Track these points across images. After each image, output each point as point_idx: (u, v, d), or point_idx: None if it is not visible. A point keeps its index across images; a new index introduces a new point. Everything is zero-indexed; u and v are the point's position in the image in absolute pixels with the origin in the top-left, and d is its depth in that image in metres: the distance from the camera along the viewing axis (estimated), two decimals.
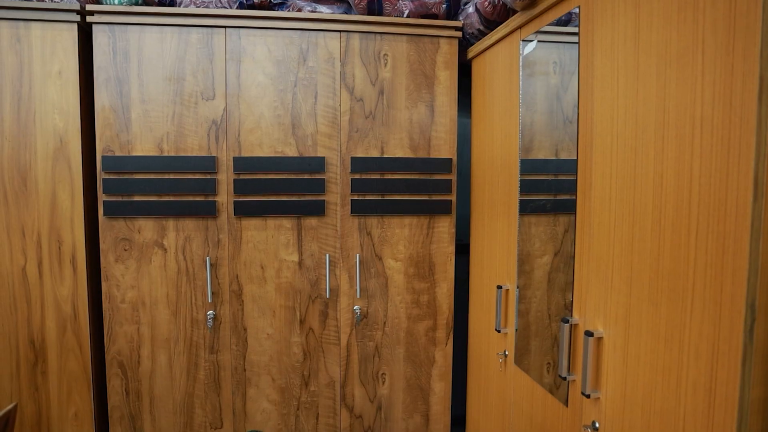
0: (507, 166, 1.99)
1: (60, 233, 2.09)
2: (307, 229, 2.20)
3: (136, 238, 2.13)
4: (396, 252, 2.27)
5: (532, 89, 1.85)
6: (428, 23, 2.20)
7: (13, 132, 2.04)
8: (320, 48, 2.16)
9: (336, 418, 2.29)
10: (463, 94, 2.49)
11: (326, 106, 2.18)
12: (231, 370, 2.21)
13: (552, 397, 1.69)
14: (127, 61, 2.08)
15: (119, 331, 2.15)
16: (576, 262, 1.55)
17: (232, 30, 2.11)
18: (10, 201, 2.05)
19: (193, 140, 2.12)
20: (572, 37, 1.67)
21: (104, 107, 2.08)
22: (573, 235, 1.72)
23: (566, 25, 1.73)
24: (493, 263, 2.12)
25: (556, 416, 1.65)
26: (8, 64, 2.02)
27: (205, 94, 2.12)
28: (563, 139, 1.79)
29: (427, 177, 2.26)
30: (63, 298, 2.11)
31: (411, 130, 2.24)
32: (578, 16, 1.64)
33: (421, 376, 2.34)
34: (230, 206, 2.15)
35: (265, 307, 2.20)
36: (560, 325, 1.57)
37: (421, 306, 2.31)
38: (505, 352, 2.01)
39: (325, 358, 2.26)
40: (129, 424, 2.18)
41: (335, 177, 2.20)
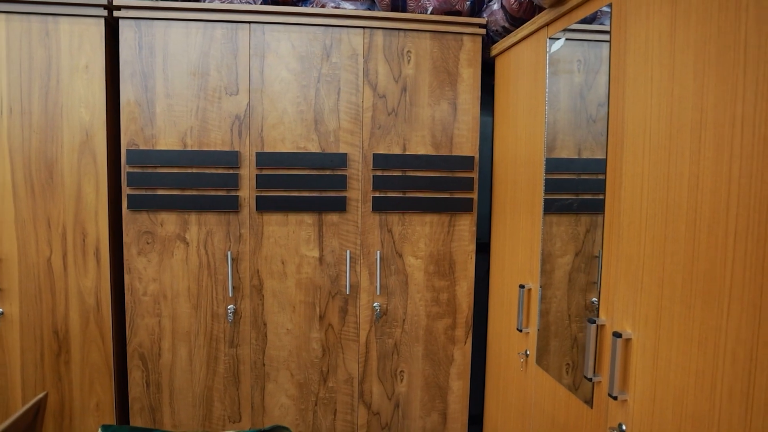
0: (531, 164, 1.97)
1: (84, 226, 2.11)
2: (328, 225, 2.20)
3: (158, 232, 2.14)
4: (416, 249, 2.26)
5: (556, 87, 1.83)
6: (452, 20, 2.18)
7: (40, 125, 2.06)
8: (344, 44, 2.16)
9: (354, 414, 2.30)
10: (482, 91, 2.47)
11: (349, 102, 2.17)
12: (250, 364, 2.22)
13: (575, 398, 1.68)
14: (152, 55, 2.09)
15: (141, 324, 2.17)
16: (603, 262, 1.53)
17: (257, 25, 2.12)
18: (36, 193, 2.08)
19: (216, 135, 2.13)
20: (600, 35, 1.65)
21: (129, 101, 2.09)
22: (595, 234, 1.70)
23: (590, 22, 1.71)
24: (515, 262, 2.10)
25: (580, 417, 1.63)
26: (37, 58, 2.04)
27: (228, 89, 2.12)
28: (586, 138, 1.78)
29: (449, 175, 2.25)
30: (86, 290, 2.13)
31: (433, 127, 2.23)
32: (609, 14, 1.62)
33: (440, 374, 2.33)
34: (252, 201, 2.15)
35: (285, 302, 2.21)
36: (586, 326, 1.55)
37: (441, 304, 2.30)
38: (527, 352, 2.00)
39: (343, 354, 2.26)
40: (149, 415, 2.20)
41: (357, 173, 2.20)
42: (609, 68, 1.52)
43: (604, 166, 1.55)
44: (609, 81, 1.52)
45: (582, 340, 1.77)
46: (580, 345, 1.80)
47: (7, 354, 2.11)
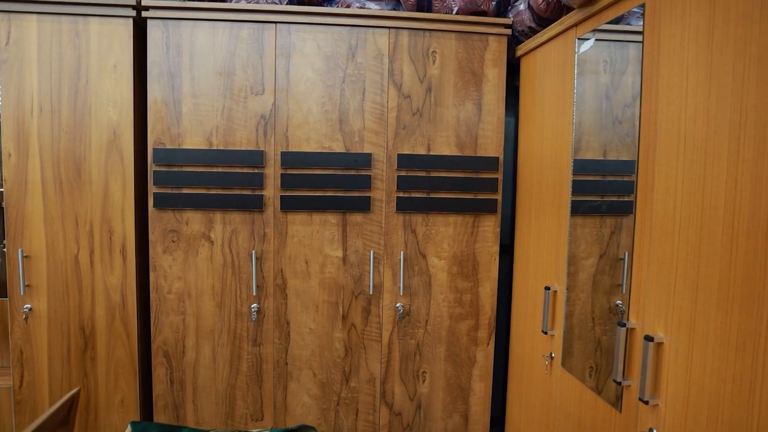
0: (558, 165, 1.95)
1: (111, 223, 2.13)
2: (351, 225, 2.20)
3: (183, 230, 2.16)
4: (440, 250, 2.25)
5: (583, 88, 1.82)
6: (477, 20, 2.17)
7: (69, 124, 2.09)
8: (369, 44, 2.16)
9: (375, 414, 2.30)
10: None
11: (374, 102, 2.17)
12: (273, 363, 2.23)
13: (603, 401, 1.66)
14: (179, 55, 2.11)
15: (165, 321, 2.19)
16: (634, 264, 1.51)
17: (282, 25, 2.13)
18: (65, 191, 2.10)
19: (241, 134, 2.14)
20: (630, 35, 1.64)
21: (156, 101, 2.11)
22: (620, 237, 1.68)
23: (618, 22, 1.70)
24: (540, 264, 2.09)
25: (608, 421, 1.62)
26: (67, 58, 2.07)
27: (254, 88, 2.13)
28: (611, 140, 1.76)
29: (473, 175, 2.24)
30: (112, 287, 2.15)
31: (458, 127, 2.22)
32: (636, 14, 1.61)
33: (462, 375, 2.32)
34: (277, 201, 2.16)
35: (308, 301, 2.22)
36: (616, 329, 1.53)
37: (464, 305, 2.29)
38: (551, 354, 1.98)
39: (366, 354, 2.26)
40: (172, 412, 2.22)
41: (381, 174, 2.19)
42: (641, 69, 1.50)
43: (631, 168, 1.53)
44: (641, 82, 1.50)
45: (606, 343, 1.76)
46: (603, 348, 1.78)
47: (35, 349, 2.14)
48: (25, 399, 2.15)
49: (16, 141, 2.07)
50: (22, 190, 2.09)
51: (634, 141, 1.63)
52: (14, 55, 2.05)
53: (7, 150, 2.07)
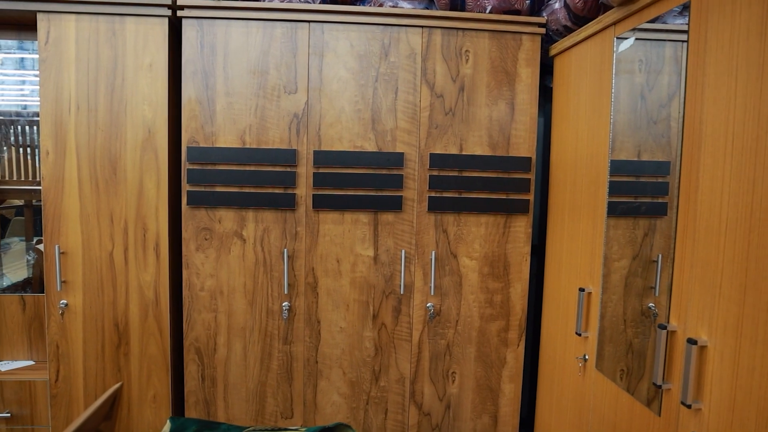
0: (593, 166, 1.93)
1: (145, 221, 2.16)
2: (383, 225, 2.20)
3: (216, 228, 2.17)
4: (471, 250, 2.24)
5: (623, 88, 1.79)
6: (511, 19, 2.16)
7: (105, 122, 2.11)
8: (402, 43, 2.15)
9: (404, 414, 2.29)
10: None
11: (406, 101, 2.17)
12: (303, 361, 2.24)
13: (640, 405, 1.64)
14: (213, 54, 2.12)
15: (197, 319, 2.20)
16: (675, 266, 1.49)
17: (316, 25, 2.13)
18: (101, 188, 2.13)
19: (274, 133, 2.15)
20: (671, 34, 1.62)
21: (191, 99, 2.13)
22: (653, 238, 1.66)
23: (654, 21, 1.67)
24: (573, 265, 2.07)
25: (646, 425, 1.60)
26: (104, 57, 2.09)
27: (287, 87, 2.14)
28: (646, 140, 1.74)
29: (505, 176, 2.22)
30: (146, 284, 2.18)
31: (490, 127, 2.21)
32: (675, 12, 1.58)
33: (492, 376, 2.31)
34: (309, 199, 2.17)
35: (339, 300, 2.22)
36: (656, 332, 1.51)
37: (495, 306, 2.28)
38: (585, 357, 1.96)
39: (396, 354, 2.26)
40: (203, 409, 2.24)
41: (413, 173, 2.19)
42: (685, 68, 1.48)
43: (666, 169, 1.51)
44: (685, 81, 1.47)
45: (637, 345, 1.74)
46: (636, 350, 1.76)
47: (71, 344, 2.17)
48: (60, 393, 2.18)
49: (54, 139, 2.10)
50: (59, 187, 2.12)
51: (669, 141, 1.60)
52: (53, 55, 2.08)
53: (45, 148, 2.10)
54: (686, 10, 1.50)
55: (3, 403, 2.19)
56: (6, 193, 2.41)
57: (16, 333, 2.35)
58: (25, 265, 2.49)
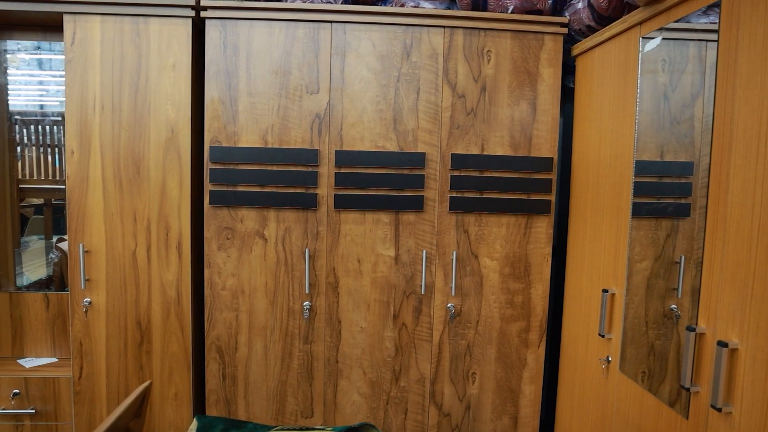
0: (617, 166, 1.92)
1: (168, 220, 2.17)
2: (404, 225, 2.20)
3: (238, 228, 2.18)
4: (492, 251, 2.24)
5: (649, 88, 1.78)
6: (533, 19, 2.15)
7: (129, 122, 2.13)
8: (424, 43, 2.15)
9: (424, 414, 2.29)
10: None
11: (428, 101, 2.17)
12: (324, 361, 2.24)
13: (666, 407, 1.62)
14: (236, 54, 2.14)
15: (219, 317, 2.21)
16: (704, 268, 1.48)
17: (338, 25, 2.14)
18: (124, 188, 2.15)
19: (296, 133, 2.16)
20: (694, 33, 1.61)
21: (213, 99, 2.14)
22: (675, 240, 1.65)
23: (679, 20, 1.66)
24: (596, 266, 2.05)
25: (673, 428, 1.58)
26: (128, 58, 2.11)
27: (309, 87, 2.15)
28: (669, 140, 1.73)
29: (527, 176, 2.22)
30: (168, 283, 2.19)
31: (512, 127, 2.20)
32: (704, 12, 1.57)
33: (512, 377, 2.30)
34: (330, 199, 2.17)
35: (360, 300, 2.22)
36: (685, 334, 1.50)
37: (515, 306, 2.27)
38: (608, 358, 1.95)
39: (416, 354, 2.26)
40: (224, 407, 2.25)
41: (434, 173, 2.19)
42: (716, 67, 1.46)
43: (690, 169, 1.51)
44: (715, 81, 1.46)
45: (659, 347, 1.73)
46: (658, 352, 1.75)
47: (94, 342, 2.19)
48: (84, 390, 2.20)
49: (78, 138, 2.12)
50: (83, 186, 2.14)
51: (693, 142, 1.59)
52: (79, 55, 2.10)
53: (70, 147, 2.12)
54: (711, 9, 1.49)
55: (28, 400, 2.21)
56: (26, 191, 2.44)
57: (40, 330, 2.37)
58: (44, 264, 2.51)
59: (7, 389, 2.19)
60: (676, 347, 1.65)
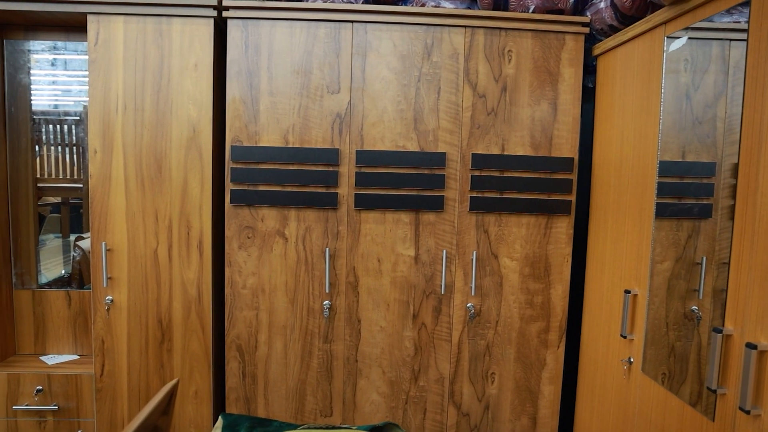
0: (640, 167, 1.92)
1: (189, 219, 2.18)
2: (424, 225, 2.20)
3: (259, 227, 2.19)
4: (512, 251, 2.23)
5: (673, 88, 1.77)
6: (554, 18, 2.15)
7: (151, 121, 2.14)
8: (445, 43, 2.15)
9: (443, 414, 2.29)
10: None
11: (448, 101, 2.17)
12: (343, 360, 2.25)
13: (691, 409, 1.62)
14: (257, 54, 2.14)
15: (239, 316, 2.23)
16: (731, 269, 1.47)
17: (359, 25, 2.14)
18: (146, 186, 2.16)
19: (317, 133, 2.16)
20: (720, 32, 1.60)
21: (235, 99, 2.15)
22: (696, 240, 1.64)
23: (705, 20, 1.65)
24: (617, 267, 2.05)
25: (698, 430, 1.58)
26: (151, 58, 2.12)
27: (330, 87, 2.15)
28: (691, 141, 1.72)
29: (547, 176, 2.21)
30: (189, 281, 2.20)
31: (532, 127, 2.20)
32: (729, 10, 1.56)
33: (531, 378, 2.30)
34: (351, 199, 2.18)
35: (379, 299, 2.23)
36: (712, 335, 1.49)
37: (535, 307, 2.26)
38: (630, 359, 1.94)
39: (435, 354, 2.26)
40: (244, 405, 2.26)
41: (455, 173, 2.19)
42: (744, 66, 1.46)
43: (711, 170, 1.50)
44: (744, 80, 1.45)
45: (680, 349, 1.72)
46: (679, 354, 1.74)
47: (116, 340, 2.21)
48: (105, 387, 2.22)
49: (101, 138, 2.14)
50: (106, 185, 2.15)
51: (715, 142, 1.59)
52: (102, 55, 2.11)
53: (93, 146, 2.14)
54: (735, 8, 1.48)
55: (51, 396, 2.23)
56: (44, 190, 2.46)
57: (61, 327, 2.40)
58: (62, 262, 2.53)
59: (31, 386, 2.21)
60: (697, 348, 1.65)
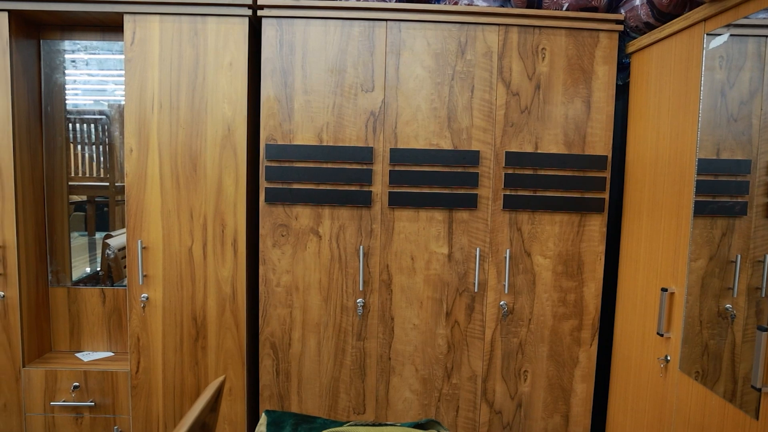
0: (677, 165, 1.91)
1: (224, 217, 2.20)
2: (458, 223, 2.21)
3: (293, 225, 2.20)
4: (545, 249, 2.23)
5: (714, 86, 1.77)
6: (588, 16, 2.14)
7: (187, 120, 2.16)
8: (478, 41, 2.15)
9: (476, 412, 2.30)
10: None
11: (482, 99, 2.17)
12: (376, 357, 2.26)
13: (733, 407, 1.61)
14: (292, 53, 2.15)
15: (273, 314, 2.24)
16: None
17: (393, 23, 2.14)
18: (181, 185, 2.18)
19: (351, 131, 2.17)
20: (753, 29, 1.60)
21: (269, 97, 2.16)
22: (731, 238, 1.64)
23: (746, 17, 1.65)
24: (653, 265, 2.04)
25: (740, 429, 1.57)
26: (186, 57, 2.14)
27: (364, 85, 2.16)
28: (726, 138, 1.72)
29: (581, 174, 2.21)
30: (223, 279, 2.22)
31: (566, 125, 2.20)
32: None
33: (564, 375, 2.30)
34: (384, 197, 2.18)
35: (412, 297, 2.23)
36: (756, 334, 1.49)
37: (568, 305, 2.26)
38: (667, 357, 1.94)
39: (468, 351, 2.27)
40: (277, 402, 2.27)
41: (488, 171, 2.19)
42: None
43: (746, 168, 1.50)
44: None
45: (713, 347, 1.72)
46: (711, 352, 1.74)
47: (151, 337, 2.22)
48: (140, 384, 2.24)
49: (137, 136, 2.15)
50: (141, 183, 2.17)
51: (750, 140, 1.59)
52: (138, 55, 2.13)
53: (129, 145, 2.15)
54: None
55: (87, 393, 2.25)
56: (73, 189, 2.47)
57: (96, 325, 2.42)
58: (88, 260, 2.55)
59: (68, 382, 2.24)
60: (731, 347, 1.64)
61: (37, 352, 2.35)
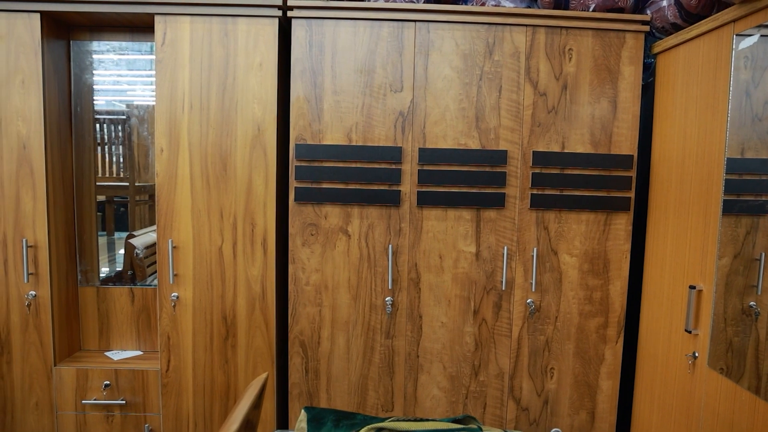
0: (705, 164, 1.94)
1: (253, 216, 2.22)
2: (485, 222, 2.23)
3: (322, 224, 2.22)
4: (571, 247, 2.26)
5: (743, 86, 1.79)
6: (615, 17, 2.17)
7: (217, 120, 2.17)
8: (506, 42, 2.18)
9: (503, 409, 2.32)
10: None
11: (510, 100, 2.19)
12: (405, 355, 2.28)
13: (765, 403, 1.63)
14: (321, 53, 2.17)
15: (302, 312, 2.26)
16: None
17: (422, 24, 2.16)
18: (211, 185, 2.20)
19: (380, 131, 2.19)
20: None
21: (299, 97, 2.18)
22: (755, 237, 1.66)
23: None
24: (679, 263, 2.07)
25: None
26: (216, 57, 2.15)
27: (393, 86, 2.18)
28: (750, 137, 1.74)
29: (607, 173, 2.24)
30: (253, 278, 2.24)
31: (592, 125, 2.22)
32: None
33: (590, 373, 2.33)
34: (413, 196, 2.21)
35: (440, 296, 2.26)
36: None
37: (594, 303, 2.29)
38: (695, 354, 1.96)
39: (495, 349, 2.29)
40: (307, 400, 2.29)
41: (516, 170, 2.21)
42: None
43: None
44: None
45: (737, 344, 1.75)
46: (735, 349, 1.77)
47: (181, 336, 2.24)
48: (171, 382, 2.26)
49: (168, 137, 2.17)
50: (172, 183, 2.19)
51: None
52: (169, 55, 2.15)
53: (159, 145, 2.17)
54: None
55: (118, 391, 2.27)
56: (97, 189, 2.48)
57: (125, 324, 2.43)
58: (107, 259, 2.56)
59: (99, 381, 2.25)
60: (755, 343, 1.67)
61: (68, 351, 2.36)
